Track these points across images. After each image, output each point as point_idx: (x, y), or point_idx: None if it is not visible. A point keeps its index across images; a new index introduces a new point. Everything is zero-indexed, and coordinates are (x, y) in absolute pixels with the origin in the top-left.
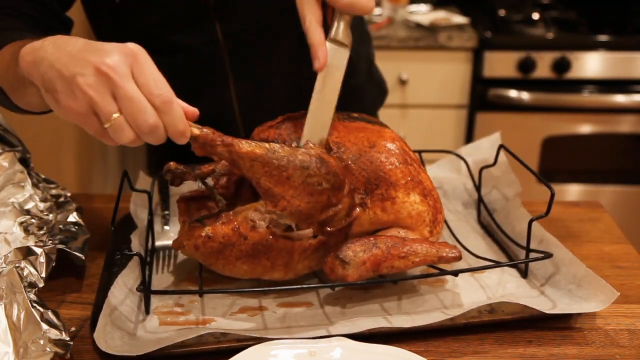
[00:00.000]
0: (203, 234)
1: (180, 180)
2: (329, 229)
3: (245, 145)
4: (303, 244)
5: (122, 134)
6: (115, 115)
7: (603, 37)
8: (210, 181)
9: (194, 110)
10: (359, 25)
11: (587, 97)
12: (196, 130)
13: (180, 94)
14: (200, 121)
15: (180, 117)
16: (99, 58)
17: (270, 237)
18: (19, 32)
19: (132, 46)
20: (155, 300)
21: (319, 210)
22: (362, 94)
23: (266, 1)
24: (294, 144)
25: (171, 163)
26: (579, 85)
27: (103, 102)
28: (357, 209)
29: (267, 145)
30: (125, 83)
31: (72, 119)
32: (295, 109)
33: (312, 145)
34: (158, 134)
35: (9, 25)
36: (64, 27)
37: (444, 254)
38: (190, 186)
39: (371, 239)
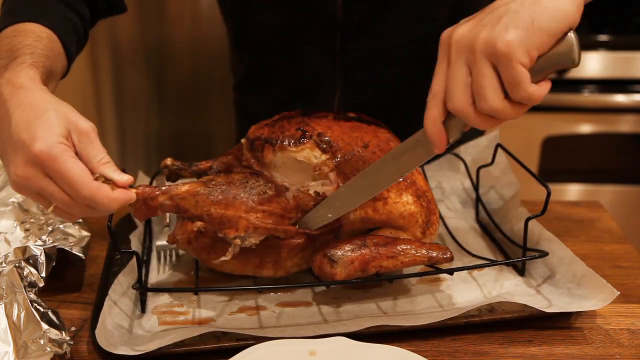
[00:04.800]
0: (195, 229)
1: (177, 176)
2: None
3: (182, 186)
4: (290, 242)
5: (65, 218)
6: (51, 208)
7: (603, 37)
8: None
9: (128, 179)
10: None
11: (587, 97)
12: (133, 192)
13: (286, 91)
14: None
15: (108, 199)
16: (14, 167)
17: None
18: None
19: (40, 149)
20: (154, 300)
21: (279, 216)
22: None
23: (395, 30)
24: (285, 142)
25: (168, 159)
26: (579, 85)
27: (35, 200)
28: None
29: (202, 179)
30: (45, 186)
31: None
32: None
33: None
34: (95, 214)
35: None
36: (111, 10)
37: (434, 255)
38: None
39: (360, 238)
